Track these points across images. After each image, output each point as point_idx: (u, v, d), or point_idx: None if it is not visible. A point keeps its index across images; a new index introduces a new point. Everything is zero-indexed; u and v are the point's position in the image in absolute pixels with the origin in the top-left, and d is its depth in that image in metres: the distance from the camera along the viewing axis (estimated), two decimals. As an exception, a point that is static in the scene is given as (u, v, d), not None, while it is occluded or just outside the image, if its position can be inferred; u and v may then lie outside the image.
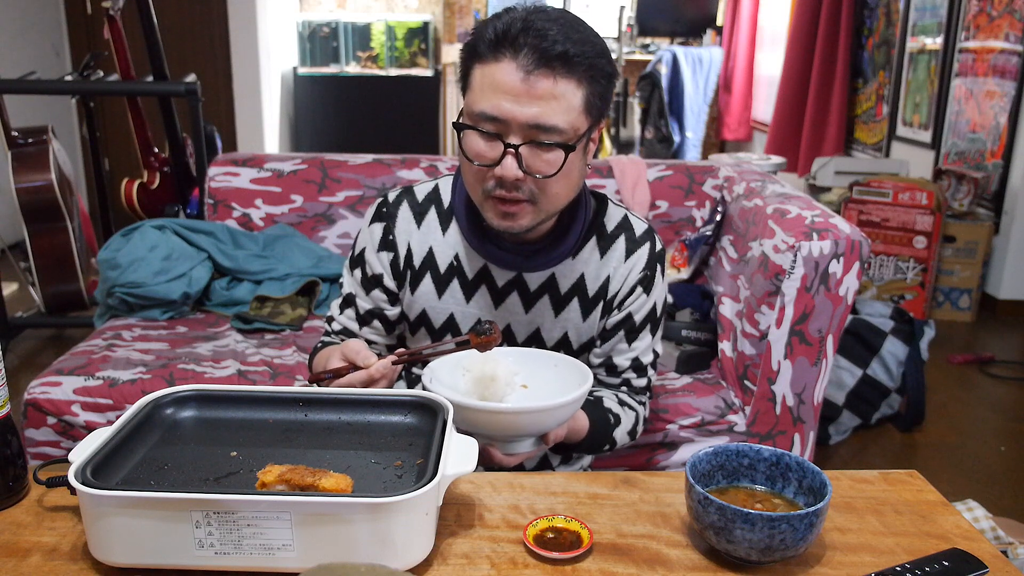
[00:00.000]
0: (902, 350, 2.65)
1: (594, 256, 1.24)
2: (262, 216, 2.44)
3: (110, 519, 0.79)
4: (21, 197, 3.03)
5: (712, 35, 6.54)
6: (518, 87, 1.02)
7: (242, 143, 5.52)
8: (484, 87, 1.05)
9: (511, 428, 1.04)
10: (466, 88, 1.09)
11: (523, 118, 1.03)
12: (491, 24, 1.05)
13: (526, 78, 1.02)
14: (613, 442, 1.25)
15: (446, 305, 1.25)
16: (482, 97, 1.05)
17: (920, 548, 0.90)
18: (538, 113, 1.03)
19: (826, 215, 1.78)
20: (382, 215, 1.27)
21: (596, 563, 0.86)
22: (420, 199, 1.27)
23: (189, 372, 1.88)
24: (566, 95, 1.03)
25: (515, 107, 1.03)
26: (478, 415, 1.01)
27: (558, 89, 1.03)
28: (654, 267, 1.26)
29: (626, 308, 1.26)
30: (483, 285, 1.24)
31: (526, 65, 1.02)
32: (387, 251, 1.26)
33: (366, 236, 1.28)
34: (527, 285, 1.23)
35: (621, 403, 1.28)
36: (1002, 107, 3.85)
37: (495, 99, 1.03)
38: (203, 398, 1.01)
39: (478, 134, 1.07)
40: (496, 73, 1.03)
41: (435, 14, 6.36)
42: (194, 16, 5.38)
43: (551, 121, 1.03)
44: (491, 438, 1.06)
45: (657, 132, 6.08)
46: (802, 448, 1.83)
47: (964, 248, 3.86)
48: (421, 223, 1.25)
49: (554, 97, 1.03)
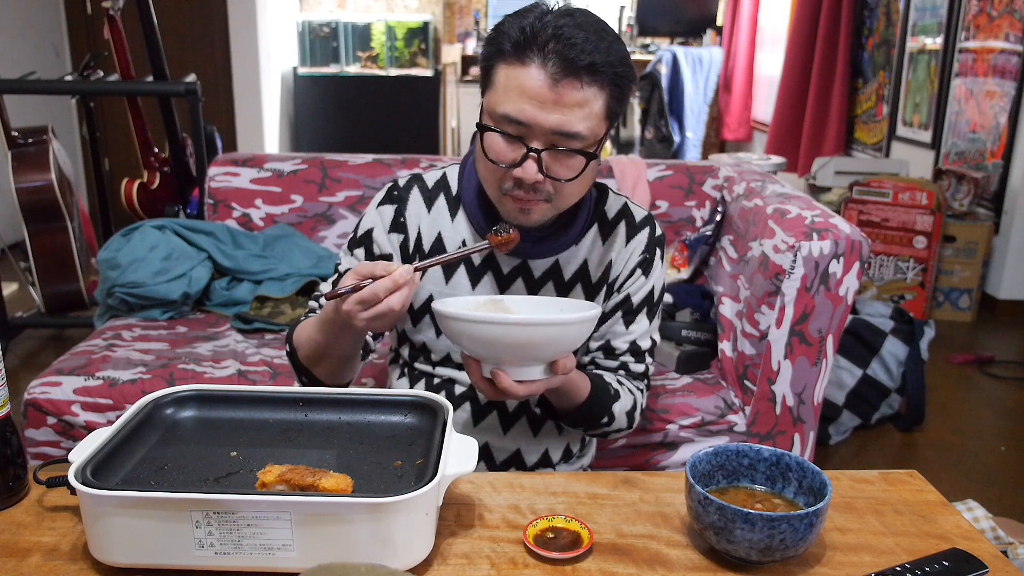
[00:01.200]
0: (902, 350, 2.65)
1: (597, 243, 1.27)
2: (262, 216, 2.44)
3: (110, 519, 0.79)
4: (21, 197, 3.03)
5: (712, 35, 6.54)
6: (544, 94, 1.03)
7: (242, 143, 5.52)
8: (509, 89, 1.05)
9: (524, 343, 0.98)
10: (487, 85, 1.10)
11: (547, 124, 1.04)
12: (516, 23, 1.05)
13: (553, 86, 1.03)
14: (612, 417, 1.25)
15: (452, 291, 1.26)
16: (506, 99, 1.06)
17: (920, 548, 0.90)
18: (562, 120, 1.04)
19: (826, 215, 1.78)
20: (393, 198, 1.28)
21: (596, 563, 0.86)
22: (430, 185, 1.28)
23: (189, 372, 1.88)
24: (589, 102, 1.05)
25: (539, 113, 1.04)
26: (490, 329, 0.97)
27: (584, 94, 1.04)
28: (653, 251, 1.29)
29: (625, 290, 1.29)
30: (489, 272, 1.25)
31: (553, 73, 1.02)
32: (397, 233, 1.27)
33: (375, 217, 1.28)
34: (532, 272, 1.25)
35: (620, 383, 1.29)
36: (1002, 107, 3.85)
37: (520, 103, 1.04)
38: (203, 398, 1.01)
39: (500, 135, 1.08)
40: (522, 77, 1.04)
41: (435, 14, 6.36)
42: (194, 16, 5.38)
43: (574, 128, 1.05)
44: (500, 360, 1.02)
45: (657, 132, 6.08)
46: (802, 448, 1.83)
47: (964, 248, 3.86)
48: (431, 208, 1.27)
49: (578, 105, 1.04)
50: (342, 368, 1.24)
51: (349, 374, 1.28)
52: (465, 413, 1.29)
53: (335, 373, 1.24)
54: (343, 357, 1.21)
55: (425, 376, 1.32)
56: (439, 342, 1.28)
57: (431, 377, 1.32)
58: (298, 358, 1.24)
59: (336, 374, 1.25)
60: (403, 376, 1.36)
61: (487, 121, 1.10)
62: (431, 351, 1.29)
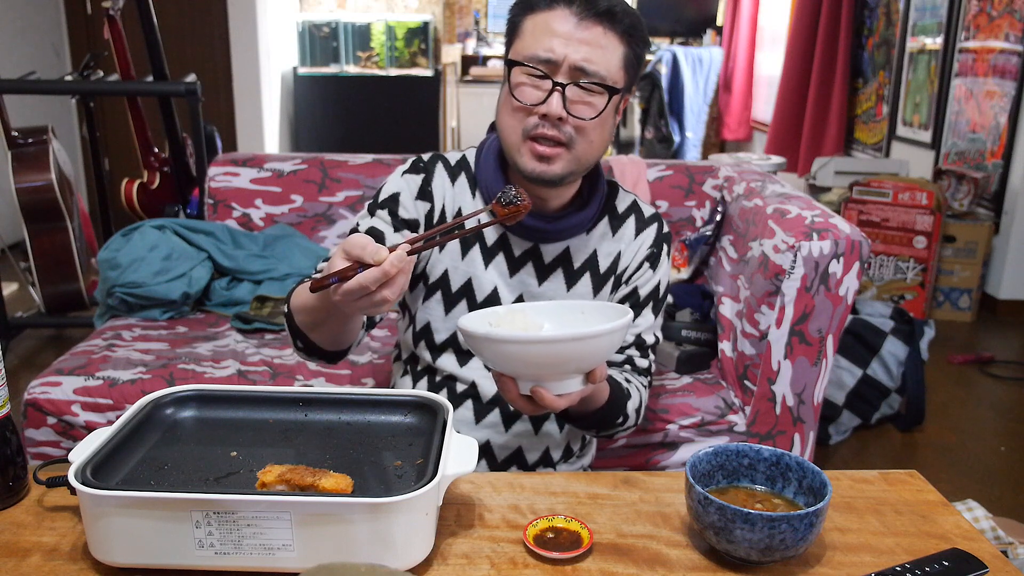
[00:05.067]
0: (902, 350, 2.65)
1: (607, 234, 1.31)
2: (262, 216, 2.44)
3: (110, 519, 0.79)
4: (21, 197, 3.03)
5: (712, 35, 6.54)
6: (570, 31, 1.12)
7: (242, 143, 5.52)
8: (537, 32, 1.14)
9: (565, 359, 0.96)
10: (512, 39, 1.18)
11: (573, 58, 1.12)
12: None
13: (578, 24, 1.12)
14: (626, 416, 1.26)
15: (467, 267, 1.27)
16: (534, 41, 1.14)
17: (920, 548, 0.90)
18: (587, 55, 1.12)
19: (826, 215, 1.78)
20: (419, 168, 1.29)
21: (596, 563, 0.86)
22: (452, 163, 1.31)
23: (189, 372, 1.88)
24: (610, 46, 1.14)
25: (566, 48, 1.12)
26: (533, 348, 0.94)
27: (604, 39, 1.13)
28: (660, 246, 1.32)
29: (632, 282, 1.31)
30: (500, 252, 1.27)
31: (579, 12, 1.12)
32: (424, 201, 1.28)
33: (400, 183, 1.27)
34: (542, 257, 1.27)
35: (627, 380, 1.29)
36: (1002, 107, 3.85)
37: (548, 41, 1.12)
38: (203, 398, 1.01)
39: (526, 75, 1.14)
40: (550, 20, 1.13)
41: (435, 14, 6.36)
42: (194, 16, 5.38)
43: (596, 66, 1.13)
44: (540, 377, 1.00)
45: (657, 132, 6.08)
46: (802, 448, 1.83)
47: (964, 248, 3.86)
48: (455, 183, 1.29)
49: (600, 46, 1.13)
50: (341, 335, 1.17)
51: (349, 338, 1.19)
52: (466, 411, 1.29)
53: (333, 339, 1.17)
54: (342, 324, 1.14)
55: (428, 373, 1.32)
56: (445, 322, 1.27)
57: (434, 374, 1.32)
58: (295, 322, 1.16)
59: (334, 340, 1.18)
60: (406, 374, 1.36)
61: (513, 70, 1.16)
62: (434, 332, 1.28)
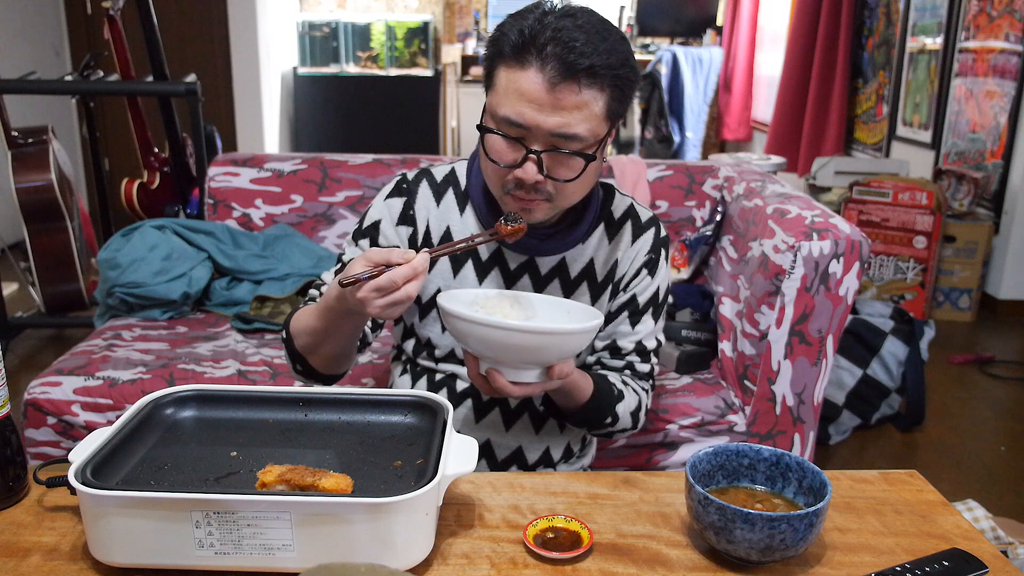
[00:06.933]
0: (902, 350, 2.65)
1: (603, 242, 1.28)
2: (262, 216, 2.44)
3: (110, 519, 0.79)
4: (21, 197, 3.03)
5: (712, 35, 6.54)
6: (543, 97, 1.03)
7: (242, 143, 5.52)
8: (508, 92, 1.06)
9: (520, 348, 0.99)
10: (489, 85, 1.11)
11: (546, 127, 1.04)
12: (516, 24, 1.05)
13: (551, 89, 1.03)
14: (616, 417, 1.26)
15: (460, 285, 1.26)
16: (506, 101, 1.06)
17: (920, 548, 0.90)
18: (561, 123, 1.04)
19: (826, 215, 1.78)
20: (402, 191, 1.28)
21: (596, 563, 0.86)
22: (438, 179, 1.29)
23: (189, 372, 1.88)
24: (589, 104, 1.05)
25: (538, 116, 1.04)
26: (488, 331, 0.98)
27: (582, 99, 1.04)
28: (658, 251, 1.30)
29: (631, 290, 1.29)
30: (496, 267, 1.26)
31: (552, 76, 1.02)
32: (406, 226, 1.27)
33: (382, 209, 1.28)
34: (538, 269, 1.26)
35: (624, 383, 1.29)
36: (1002, 107, 3.85)
37: (519, 106, 1.05)
38: (203, 398, 1.01)
39: (501, 137, 1.08)
40: (521, 80, 1.04)
41: (435, 14, 6.36)
42: (194, 16, 5.38)
43: (573, 130, 1.05)
44: (497, 361, 1.03)
45: (657, 132, 6.08)
46: (802, 448, 1.83)
47: (964, 248, 3.86)
48: (440, 202, 1.27)
49: (577, 108, 1.04)
50: (339, 358, 1.23)
51: (345, 364, 1.26)
52: (467, 410, 1.29)
53: (331, 362, 1.23)
54: (341, 345, 1.20)
55: (428, 372, 1.32)
56: (444, 337, 1.28)
57: (433, 373, 1.32)
58: (295, 346, 1.22)
59: (332, 363, 1.23)
60: (405, 373, 1.35)
61: (488, 122, 1.11)
62: (435, 347, 1.29)
